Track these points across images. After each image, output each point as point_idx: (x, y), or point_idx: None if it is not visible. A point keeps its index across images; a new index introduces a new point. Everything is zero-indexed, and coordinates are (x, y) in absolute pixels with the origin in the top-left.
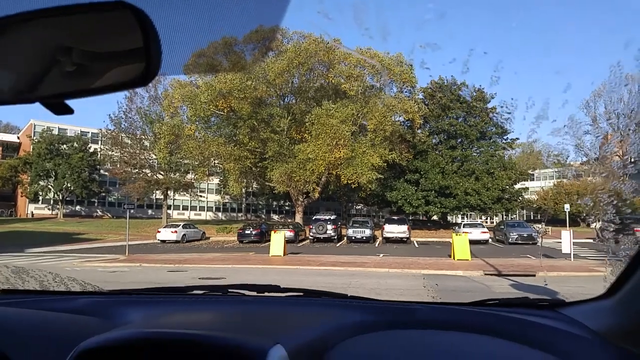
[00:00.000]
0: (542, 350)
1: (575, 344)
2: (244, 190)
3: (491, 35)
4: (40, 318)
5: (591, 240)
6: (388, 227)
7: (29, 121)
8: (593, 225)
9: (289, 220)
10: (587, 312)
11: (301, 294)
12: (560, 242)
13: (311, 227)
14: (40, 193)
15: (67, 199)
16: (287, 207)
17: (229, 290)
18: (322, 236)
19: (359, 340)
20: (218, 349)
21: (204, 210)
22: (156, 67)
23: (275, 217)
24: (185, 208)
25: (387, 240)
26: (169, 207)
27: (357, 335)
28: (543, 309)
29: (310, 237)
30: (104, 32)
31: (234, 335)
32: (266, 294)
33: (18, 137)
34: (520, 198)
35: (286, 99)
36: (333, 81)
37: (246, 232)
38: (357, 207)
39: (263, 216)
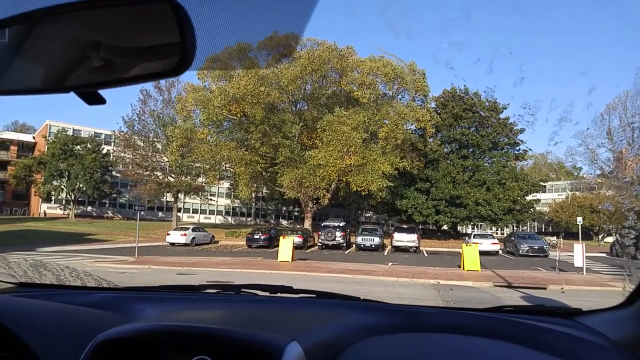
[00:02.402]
0: (560, 357)
1: (594, 352)
2: (253, 194)
3: (517, 35)
4: (58, 310)
5: (604, 255)
6: (397, 236)
7: (45, 121)
8: (606, 240)
9: (298, 226)
10: (605, 321)
11: (314, 295)
12: (573, 256)
13: (320, 233)
14: (53, 193)
15: (79, 199)
16: (296, 213)
17: (242, 289)
18: (330, 243)
19: (372, 341)
20: (235, 343)
21: (214, 214)
22: (190, 58)
23: (284, 222)
24: (195, 211)
25: (396, 249)
26: (179, 210)
27: (370, 337)
28: (560, 316)
29: (319, 244)
30: (139, 24)
31: (251, 330)
32: (279, 294)
33: (33, 137)
34: (531, 210)
35: (298, 105)
36: (345, 88)
37: (255, 236)
38: (367, 215)
39: (272, 221)
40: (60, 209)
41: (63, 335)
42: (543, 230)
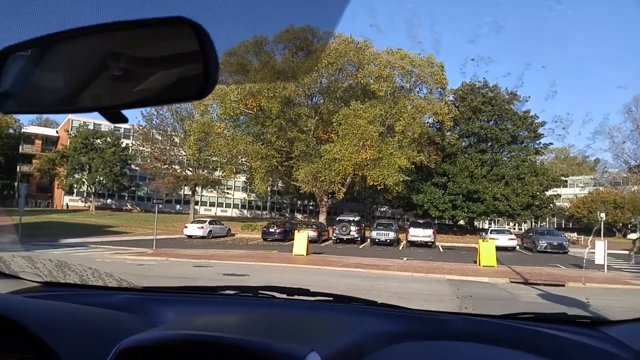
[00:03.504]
0: None
1: None
2: (269, 188)
3: (549, 49)
4: (81, 313)
5: (627, 252)
6: (413, 231)
7: (67, 116)
8: (630, 236)
9: (313, 220)
10: (631, 332)
11: (331, 298)
12: (594, 253)
13: (334, 227)
14: (75, 186)
15: (99, 192)
16: (311, 207)
17: (260, 292)
18: (345, 237)
19: (391, 349)
20: (255, 353)
21: (230, 207)
22: (213, 81)
23: (299, 216)
24: (212, 204)
25: (412, 243)
26: (196, 203)
27: (389, 345)
28: (582, 326)
29: (333, 238)
30: (163, 47)
31: (270, 340)
32: (296, 297)
33: (57, 132)
34: (551, 205)
35: (314, 99)
36: (362, 81)
37: (270, 230)
38: (382, 209)
39: (287, 215)
40: (82, 201)
41: (86, 338)
42: (563, 226)
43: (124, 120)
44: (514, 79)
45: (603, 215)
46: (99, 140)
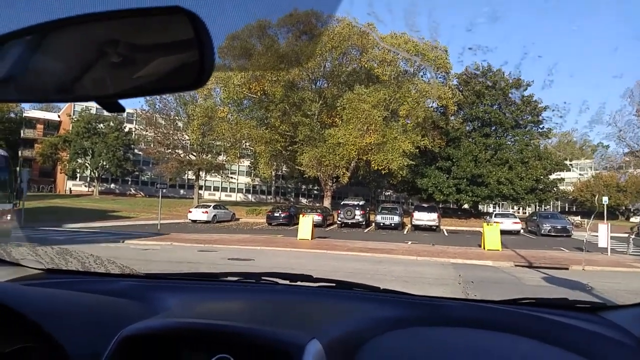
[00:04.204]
0: (580, 355)
1: (616, 350)
2: (273, 173)
3: (547, 38)
4: (83, 300)
5: (626, 235)
6: (417, 215)
7: None
8: (632, 219)
9: (318, 205)
10: (630, 317)
11: (333, 284)
12: (597, 236)
13: (339, 211)
14: (78, 170)
15: (103, 176)
16: (315, 191)
17: (262, 278)
18: (350, 221)
19: (392, 335)
20: (257, 341)
21: (235, 192)
22: (209, 71)
23: (303, 200)
24: (216, 189)
25: (416, 227)
26: (200, 188)
27: (390, 331)
28: (583, 311)
29: (338, 222)
30: (159, 36)
31: (271, 328)
32: (298, 283)
33: (59, 116)
34: (555, 189)
35: (318, 83)
36: (366, 66)
37: (275, 214)
38: (387, 194)
39: (292, 199)
40: (85, 186)
41: (87, 326)
42: (567, 209)
43: (121, 109)
44: (512, 67)
45: (606, 198)
46: (101, 125)
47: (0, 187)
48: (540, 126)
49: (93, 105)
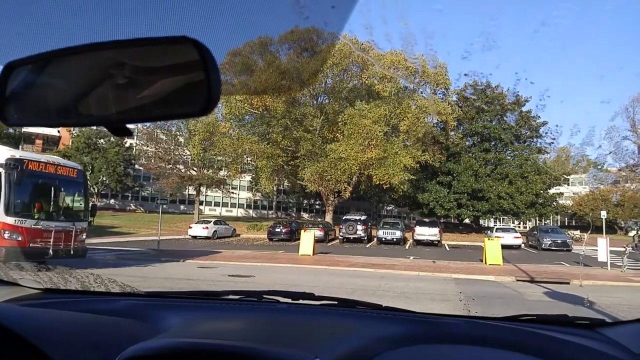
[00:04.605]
0: None
1: None
2: (275, 188)
3: (538, 65)
4: (83, 321)
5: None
6: (419, 230)
7: None
8: (631, 233)
9: (319, 220)
10: (629, 334)
11: (336, 302)
12: (596, 250)
13: (341, 227)
14: None
15: (102, 192)
16: (317, 206)
17: (264, 296)
18: (351, 236)
19: (395, 354)
20: None
21: (235, 207)
22: (216, 98)
23: (305, 215)
24: (217, 204)
25: (418, 242)
26: (201, 203)
27: (393, 349)
28: (583, 327)
29: (340, 237)
30: (167, 64)
31: (274, 347)
32: (301, 301)
33: (58, 131)
34: (554, 203)
35: (319, 99)
36: (366, 82)
37: (276, 230)
38: (388, 208)
39: (293, 214)
40: None
41: (87, 347)
42: (566, 224)
43: (129, 133)
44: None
45: (604, 213)
46: (102, 140)
47: (78, 203)
48: (540, 141)
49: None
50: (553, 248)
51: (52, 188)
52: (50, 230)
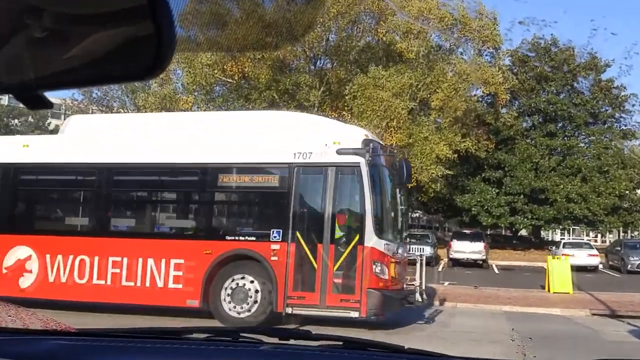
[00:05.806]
0: None
1: None
2: None
3: (623, 8)
4: None
5: None
6: (457, 245)
7: None
8: None
9: None
10: None
11: (340, 343)
12: None
13: None
14: None
15: None
16: None
17: (241, 334)
18: None
19: None
20: None
21: None
22: (167, 56)
23: None
24: None
25: (455, 262)
26: None
27: None
28: None
29: None
30: (103, 11)
31: None
32: (292, 341)
33: None
34: None
35: (319, 63)
36: (384, 39)
37: None
38: (414, 216)
39: None
40: None
41: None
42: None
43: (46, 105)
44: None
45: None
46: (16, 121)
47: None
48: (626, 121)
49: (4, 96)
50: None
51: None
52: None
